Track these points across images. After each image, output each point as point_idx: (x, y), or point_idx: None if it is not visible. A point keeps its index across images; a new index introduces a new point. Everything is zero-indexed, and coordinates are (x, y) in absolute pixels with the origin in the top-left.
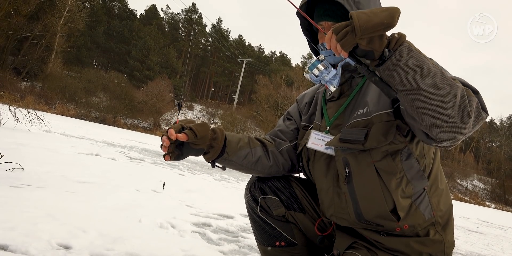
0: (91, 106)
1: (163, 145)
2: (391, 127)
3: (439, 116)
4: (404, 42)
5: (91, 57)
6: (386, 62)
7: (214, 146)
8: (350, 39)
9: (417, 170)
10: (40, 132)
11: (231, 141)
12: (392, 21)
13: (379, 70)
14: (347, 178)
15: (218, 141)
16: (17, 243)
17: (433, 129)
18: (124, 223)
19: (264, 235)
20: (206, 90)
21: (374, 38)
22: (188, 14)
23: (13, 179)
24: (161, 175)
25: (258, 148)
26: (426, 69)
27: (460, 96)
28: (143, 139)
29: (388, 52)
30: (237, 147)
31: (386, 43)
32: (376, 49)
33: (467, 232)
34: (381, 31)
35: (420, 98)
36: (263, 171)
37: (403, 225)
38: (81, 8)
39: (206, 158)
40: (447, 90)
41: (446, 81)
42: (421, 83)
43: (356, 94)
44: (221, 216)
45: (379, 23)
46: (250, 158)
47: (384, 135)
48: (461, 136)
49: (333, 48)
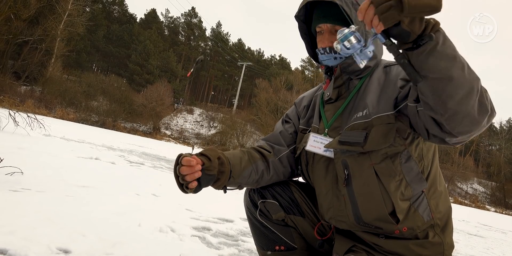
0: (91, 110)
1: (184, 174)
2: (391, 129)
3: (463, 108)
4: (440, 28)
5: (91, 61)
6: (422, 47)
7: (223, 171)
8: (395, 14)
9: (416, 172)
10: (39, 136)
11: (235, 163)
12: (439, 5)
13: (412, 54)
14: (346, 181)
15: (225, 165)
16: (16, 248)
17: (454, 122)
18: (124, 227)
19: (264, 239)
20: (205, 94)
21: (416, 19)
22: (187, 18)
23: (12, 183)
24: (161, 179)
25: (259, 162)
26: (458, 58)
27: (480, 90)
28: (142, 143)
29: (426, 36)
30: (241, 168)
31: (424, 27)
32: (415, 31)
33: (467, 236)
34: (426, 13)
35: (450, 88)
36: (265, 184)
37: (402, 228)
38: (81, 12)
39: (218, 185)
40: (473, 82)
41: (472, 73)
42: (453, 72)
43: (353, 96)
44: (220, 220)
45: (428, 4)
46: (254, 176)
47: (384, 138)
48: (477, 131)
49: (367, 20)
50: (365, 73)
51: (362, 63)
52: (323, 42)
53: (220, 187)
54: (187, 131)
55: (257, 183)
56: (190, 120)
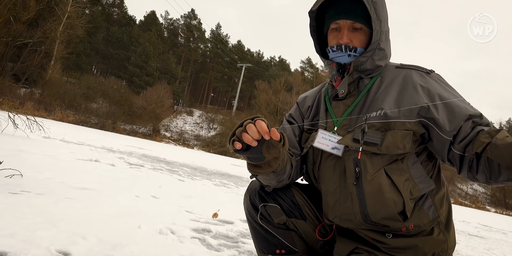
0: (91, 112)
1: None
2: (407, 135)
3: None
4: None
5: (91, 63)
6: None
7: (271, 165)
8: None
9: (423, 173)
10: (39, 139)
11: (283, 160)
12: None
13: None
14: (357, 179)
15: (278, 161)
16: (16, 250)
17: (494, 184)
18: (124, 229)
19: (264, 243)
20: (205, 96)
21: None
22: (187, 20)
23: (12, 185)
24: (161, 181)
25: (288, 165)
26: None
27: None
28: (142, 145)
29: None
30: (283, 165)
31: None
32: None
33: (468, 237)
34: None
35: None
36: (281, 186)
37: (409, 225)
38: (81, 15)
39: (256, 170)
40: None
41: None
42: None
43: (364, 95)
44: (220, 221)
45: None
46: (283, 176)
47: (401, 142)
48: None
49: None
50: (376, 72)
51: None
52: (340, 38)
53: (256, 172)
54: (186, 133)
55: (280, 183)
56: (189, 122)
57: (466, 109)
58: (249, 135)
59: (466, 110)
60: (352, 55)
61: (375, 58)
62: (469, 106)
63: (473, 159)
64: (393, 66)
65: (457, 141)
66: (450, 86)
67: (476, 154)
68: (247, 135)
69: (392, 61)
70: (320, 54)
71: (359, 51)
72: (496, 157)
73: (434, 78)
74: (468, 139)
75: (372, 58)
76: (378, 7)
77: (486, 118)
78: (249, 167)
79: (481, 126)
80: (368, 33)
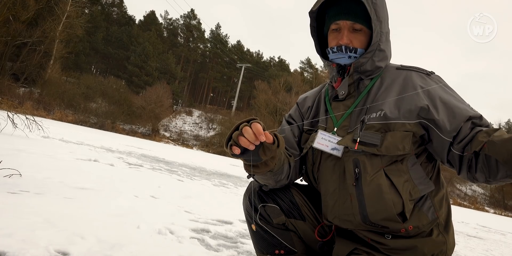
0: (90, 112)
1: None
2: (407, 137)
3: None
4: None
5: (90, 63)
6: None
7: (268, 165)
8: None
9: (423, 175)
10: (38, 138)
11: (279, 159)
12: None
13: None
14: (356, 180)
15: (275, 160)
16: (14, 250)
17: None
18: (122, 229)
19: (263, 243)
20: (204, 96)
21: None
22: (186, 20)
23: (11, 185)
24: (160, 181)
25: (286, 165)
26: None
27: None
28: (141, 144)
29: None
30: (280, 165)
31: None
32: None
33: (467, 237)
34: None
35: None
36: (280, 186)
37: (408, 226)
38: (80, 14)
39: (253, 170)
40: None
41: None
42: None
43: (364, 96)
44: (219, 222)
45: None
46: (280, 176)
47: (400, 143)
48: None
49: None
50: (376, 73)
51: None
52: (340, 39)
53: (251, 172)
54: (186, 133)
55: (278, 183)
56: (189, 122)
57: (466, 111)
58: (245, 139)
59: (466, 112)
60: (352, 56)
61: (375, 59)
62: (469, 108)
63: (472, 158)
64: (393, 67)
65: (456, 142)
66: (450, 87)
67: (475, 153)
68: (244, 138)
69: (392, 62)
70: (320, 55)
71: (359, 52)
72: (494, 153)
73: (434, 80)
74: (467, 139)
75: (372, 59)
76: (378, 8)
77: (485, 119)
78: (245, 167)
79: (480, 127)
80: (368, 34)
